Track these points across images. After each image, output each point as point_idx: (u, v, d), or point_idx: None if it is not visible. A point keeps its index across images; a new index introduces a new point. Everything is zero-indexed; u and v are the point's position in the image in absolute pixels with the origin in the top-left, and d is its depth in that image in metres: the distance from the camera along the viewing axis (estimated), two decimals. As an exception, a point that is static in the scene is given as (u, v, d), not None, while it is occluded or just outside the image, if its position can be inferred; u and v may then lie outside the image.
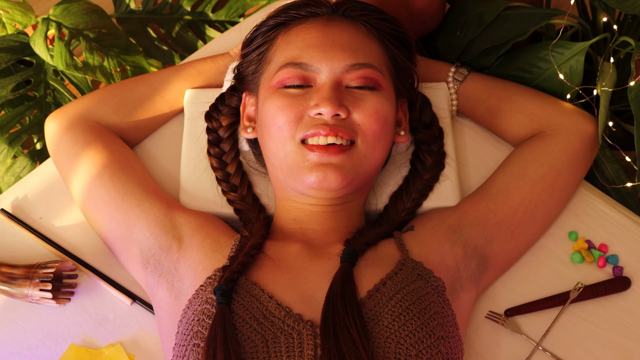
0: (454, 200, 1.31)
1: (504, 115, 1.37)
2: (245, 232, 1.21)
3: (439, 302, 1.12)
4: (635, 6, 1.33)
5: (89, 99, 1.36)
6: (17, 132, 1.63)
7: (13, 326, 1.28)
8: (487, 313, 1.28)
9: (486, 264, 1.24)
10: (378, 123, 1.17)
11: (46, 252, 1.33)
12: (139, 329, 1.28)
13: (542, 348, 1.26)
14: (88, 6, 1.67)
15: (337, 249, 1.16)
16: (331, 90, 1.16)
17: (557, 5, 1.86)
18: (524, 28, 1.39)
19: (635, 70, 1.35)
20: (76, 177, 1.29)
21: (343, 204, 1.22)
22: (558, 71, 1.37)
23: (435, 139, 1.34)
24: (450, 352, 1.09)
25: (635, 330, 1.27)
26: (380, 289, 1.10)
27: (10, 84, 1.65)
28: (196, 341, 1.07)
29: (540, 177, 1.29)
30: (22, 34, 1.68)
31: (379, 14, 1.25)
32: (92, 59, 1.63)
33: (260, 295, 1.10)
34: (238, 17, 1.89)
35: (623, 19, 1.62)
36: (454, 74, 1.40)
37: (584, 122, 1.33)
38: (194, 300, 1.13)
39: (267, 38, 1.25)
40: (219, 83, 1.41)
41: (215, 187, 1.33)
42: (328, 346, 1.01)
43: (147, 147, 1.40)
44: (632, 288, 1.30)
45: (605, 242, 1.34)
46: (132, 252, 1.24)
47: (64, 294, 1.29)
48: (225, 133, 1.34)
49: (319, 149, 1.15)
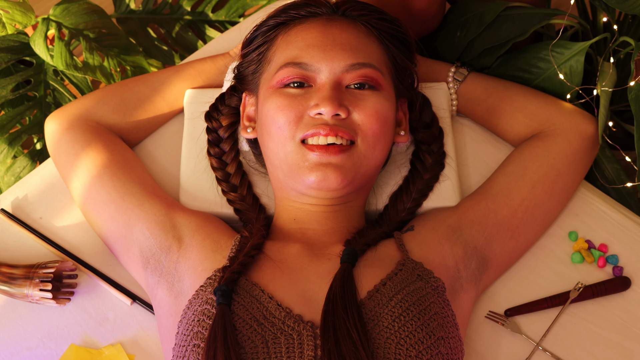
0: (454, 200, 1.31)
1: (504, 115, 1.37)
2: (245, 233, 1.21)
3: (439, 303, 1.12)
4: (635, 6, 1.33)
5: (89, 99, 1.36)
6: (17, 132, 1.63)
7: (13, 326, 1.28)
8: (487, 313, 1.28)
9: (486, 264, 1.24)
10: (378, 123, 1.17)
11: (46, 252, 1.33)
12: (139, 329, 1.28)
13: (542, 348, 1.26)
14: (88, 6, 1.67)
15: (337, 249, 1.16)
16: (331, 90, 1.16)
17: (557, 5, 1.85)
18: (524, 28, 1.39)
19: (635, 70, 1.35)
20: (76, 177, 1.29)
21: (343, 204, 1.22)
22: (558, 71, 1.37)
23: (435, 139, 1.34)
24: (450, 353, 1.09)
25: (635, 330, 1.27)
26: (380, 290, 1.10)
27: (10, 84, 1.65)
28: (196, 341, 1.07)
29: (540, 177, 1.29)
30: (22, 34, 1.68)
31: (379, 14, 1.25)
32: (92, 59, 1.63)
33: (260, 295, 1.09)
34: (238, 17, 1.89)
35: (623, 19, 1.62)
36: (454, 74, 1.40)
37: (584, 122, 1.33)
38: (194, 301, 1.12)
39: (267, 38, 1.25)
40: (219, 83, 1.41)
41: (215, 187, 1.33)
42: (328, 347, 1.01)
43: (147, 147, 1.40)
44: (632, 288, 1.30)
45: (605, 242, 1.34)
46: (132, 252, 1.24)
47: (64, 294, 1.29)
48: (225, 133, 1.34)
49: (319, 149, 1.15)
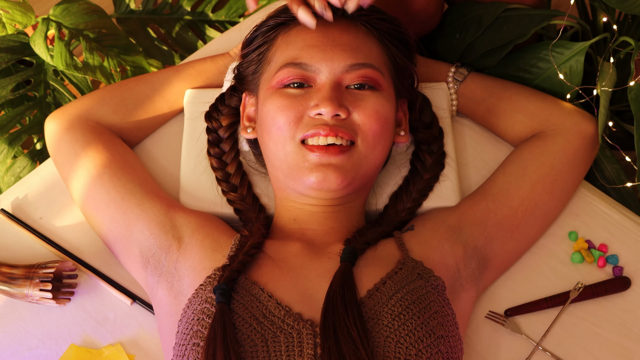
0: (454, 200, 1.31)
1: (504, 115, 1.37)
2: (245, 232, 1.21)
3: (439, 302, 1.12)
4: (635, 6, 1.33)
5: (89, 99, 1.36)
6: (17, 132, 1.63)
7: (13, 326, 1.28)
8: (487, 313, 1.28)
9: (486, 264, 1.24)
10: (378, 123, 1.17)
11: (46, 252, 1.33)
12: (139, 329, 1.28)
13: (542, 348, 1.26)
14: (88, 6, 1.67)
15: (337, 248, 1.16)
16: (331, 90, 1.16)
17: (557, 5, 1.85)
18: (524, 30, 1.39)
19: (635, 70, 1.35)
20: (76, 178, 1.29)
21: (343, 204, 1.22)
22: (558, 71, 1.37)
23: (435, 139, 1.34)
24: (450, 352, 1.09)
25: (635, 330, 1.27)
26: (380, 288, 1.10)
27: (10, 84, 1.65)
28: (196, 340, 1.07)
29: (540, 177, 1.29)
30: (22, 34, 1.68)
31: (378, 14, 1.25)
32: (92, 59, 1.63)
33: (260, 294, 1.09)
34: (238, 17, 1.89)
35: (623, 19, 1.62)
36: (454, 74, 1.40)
37: (584, 122, 1.33)
38: (193, 300, 1.12)
39: (267, 38, 1.25)
40: (219, 83, 1.41)
41: (215, 187, 1.33)
42: (328, 345, 1.01)
43: (147, 147, 1.40)
44: (632, 288, 1.30)
45: (605, 242, 1.34)
46: (132, 252, 1.24)
47: (64, 294, 1.29)
48: (225, 133, 1.34)
49: (319, 150, 1.14)
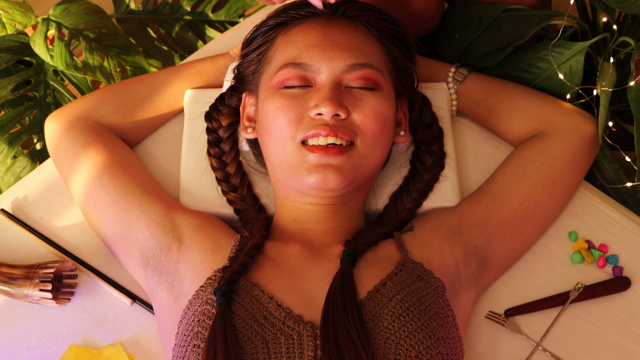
0: (454, 200, 1.31)
1: (504, 115, 1.37)
2: (245, 233, 1.21)
3: (439, 303, 1.12)
4: (635, 6, 1.33)
5: (88, 99, 1.36)
6: (17, 132, 1.63)
7: (13, 326, 1.28)
8: (487, 313, 1.28)
9: (486, 265, 1.24)
10: (378, 123, 1.17)
11: (46, 252, 1.33)
12: (139, 329, 1.28)
13: (542, 348, 1.26)
14: (88, 6, 1.67)
15: (337, 249, 1.16)
16: (331, 90, 1.16)
17: (557, 5, 1.85)
18: (524, 30, 1.39)
19: (635, 70, 1.35)
20: (76, 178, 1.29)
21: (343, 203, 1.22)
22: (558, 71, 1.37)
23: (435, 139, 1.34)
24: (450, 353, 1.09)
25: (635, 330, 1.27)
26: (380, 290, 1.10)
27: (10, 84, 1.65)
28: (196, 342, 1.07)
29: (540, 177, 1.29)
30: (22, 34, 1.68)
31: (378, 14, 1.25)
32: (92, 59, 1.63)
33: (260, 296, 1.09)
34: (238, 17, 1.89)
35: (623, 19, 1.62)
36: (454, 74, 1.40)
37: (584, 122, 1.33)
38: (194, 301, 1.12)
39: (267, 38, 1.25)
40: (219, 83, 1.41)
41: (215, 187, 1.33)
42: (328, 347, 1.01)
43: (147, 147, 1.40)
44: (632, 288, 1.30)
45: (605, 242, 1.34)
46: (132, 253, 1.24)
47: (64, 294, 1.29)
48: (225, 133, 1.34)
49: (319, 150, 1.14)
